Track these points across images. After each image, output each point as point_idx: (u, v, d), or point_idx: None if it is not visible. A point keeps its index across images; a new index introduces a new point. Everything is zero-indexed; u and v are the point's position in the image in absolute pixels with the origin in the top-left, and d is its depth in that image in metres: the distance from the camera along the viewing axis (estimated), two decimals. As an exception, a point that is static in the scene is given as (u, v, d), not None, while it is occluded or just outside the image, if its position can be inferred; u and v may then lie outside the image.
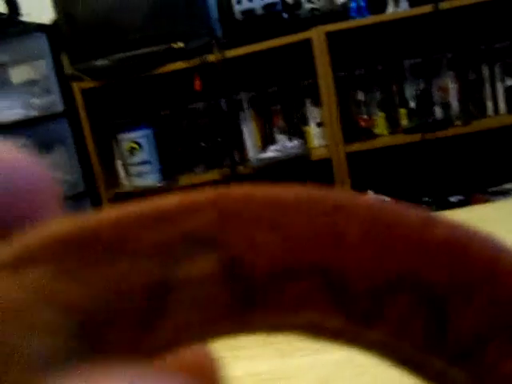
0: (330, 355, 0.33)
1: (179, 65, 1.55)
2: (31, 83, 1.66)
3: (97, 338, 0.07)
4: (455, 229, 0.08)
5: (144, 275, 0.07)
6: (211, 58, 1.53)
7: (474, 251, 0.08)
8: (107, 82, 1.60)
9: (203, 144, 1.74)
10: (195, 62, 1.53)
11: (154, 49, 1.51)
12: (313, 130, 1.73)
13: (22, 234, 0.07)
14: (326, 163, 1.58)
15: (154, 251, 0.07)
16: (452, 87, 1.65)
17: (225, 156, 1.67)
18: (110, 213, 0.07)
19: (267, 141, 1.75)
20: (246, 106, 1.74)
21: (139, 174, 1.70)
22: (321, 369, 0.32)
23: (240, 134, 1.75)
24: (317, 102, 1.69)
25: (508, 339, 0.08)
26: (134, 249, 0.07)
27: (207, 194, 0.08)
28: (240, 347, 0.38)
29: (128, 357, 0.07)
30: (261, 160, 1.63)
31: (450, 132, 1.55)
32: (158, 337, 0.07)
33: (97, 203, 1.67)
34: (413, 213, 0.08)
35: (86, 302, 0.07)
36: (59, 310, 0.07)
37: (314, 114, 1.73)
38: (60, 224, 0.07)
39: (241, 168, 1.63)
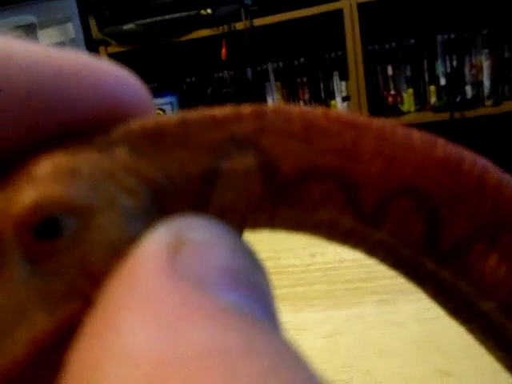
0: (341, 311, 0.34)
1: (206, 32, 1.53)
2: (59, 46, 1.67)
3: (163, 205, 0.09)
4: (452, 149, 0.10)
5: (200, 163, 0.09)
6: (239, 25, 1.51)
7: (465, 169, 0.10)
8: (134, 47, 1.60)
9: (227, 114, 1.74)
10: (223, 29, 1.52)
11: (182, 15, 1.50)
12: (338, 105, 1.71)
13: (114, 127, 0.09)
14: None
15: (208, 147, 0.09)
16: (486, 65, 1.60)
17: (248, 127, 1.66)
18: (177, 115, 0.09)
19: (291, 113, 1.74)
20: (271, 76, 1.72)
21: (162, 141, 1.71)
22: (331, 323, 0.33)
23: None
24: (344, 76, 1.66)
25: (487, 242, 0.10)
26: (193, 143, 0.09)
27: (249, 107, 0.10)
28: (254, 302, 0.38)
29: None
30: (284, 132, 1.62)
31: (480, 112, 1.51)
32: (208, 212, 0.09)
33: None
34: (417, 134, 0.10)
35: (157, 176, 0.09)
36: (138, 179, 0.09)
37: (340, 87, 1.70)
38: (140, 120, 0.09)
39: (264, 139, 1.62)
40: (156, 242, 0.07)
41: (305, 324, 0.34)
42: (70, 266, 0.08)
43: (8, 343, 0.07)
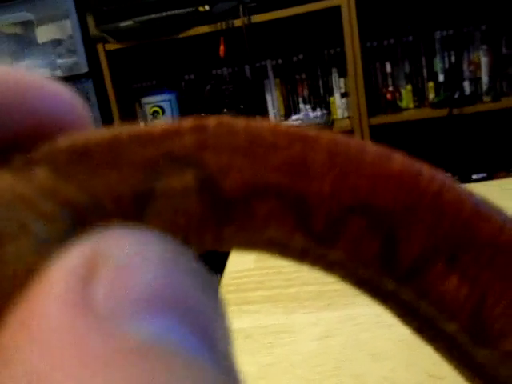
0: (332, 313, 0.34)
1: (204, 29, 1.53)
2: (57, 43, 1.66)
3: (90, 230, 0.08)
4: (408, 164, 0.09)
5: (131, 184, 0.08)
6: (237, 22, 1.51)
7: (422, 185, 0.09)
8: (132, 44, 1.59)
9: (226, 111, 1.74)
10: (221, 26, 1.51)
11: (180, 11, 1.49)
12: (337, 101, 1.71)
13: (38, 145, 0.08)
14: (348, 135, 1.55)
15: (141, 165, 0.08)
16: (484, 61, 1.59)
17: (246, 124, 1.66)
18: (108, 131, 0.09)
19: (291, 110, 1.74)
20: (270, 73, 1.72)
21: (161, 139, 1.71)
22: (323, 325, 0.33)
23: (263, 101, 1.73)
24: (343, 72, 1.66)
25: (447, 262, 0.09)
26: (124, 162, 0.08)
27: (190, 121, 0.09)
28: (247, 302, 0.39)
29: None
30: (282, 129, 1.62)
31: (478, 108, 1.51)
32: None
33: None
34: (372, 148, 0.09)
35: (80, 200, 0.08)
36: (57, 203, 0.08)
37: (339, 84, 1.69)
38: (68, 137, 0.08)
39: (262, 136, 1.62)
40: (65, 266, 0.06)
41: (297, 326, 0.34)
42: None
43: None
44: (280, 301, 0.37)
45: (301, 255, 0.10)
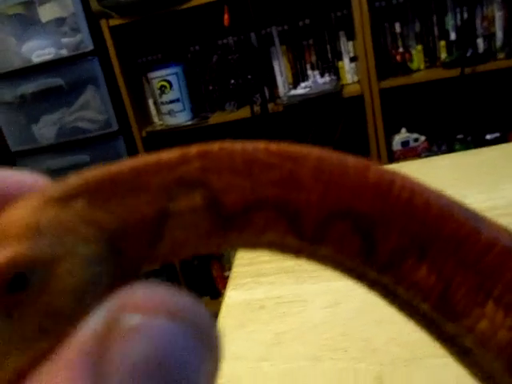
0: (340, 282, 0.34)
1: (207, -2, 1.50)
2: (60, 22, 1.65)
3: (120, 247, 0.10)
4: (383, 174, 0.11)
5: (151, 207, 0.10)
6: (240, -11, 1.48)
7: (395, 192, 0.11)
8: (135, 18, 1.57)
9: (233, 81, 1.72)
10: (224, -6, 1.48)
11: (182, -19, 1.46)
12: (346, 66, 1.68)
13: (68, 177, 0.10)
14: (358, 100, 1.53)
15: (158, 189, 0.10)
16: (498, 16, 1.54)
17: (255, 93, 1.65)
18: (127, 162, 0.10)
19: (299, 77, 1.71)
20: (276, 40, 1.69)
21: (170, 113, 1.70)
22: (332, 293, 0.34)
23: (271, 70, 1.71)
24: (351, 35, 1.62)
25: (417, 255, 0.11)
26: (144, 187, 0.10)
27: (195, 148, 0.10)
28: (261, 274, 0.40)
29: (140, 264, 0.10)
30: (291, 97, 1.60)
31: (492, 66, 1.47)
32: (161, 249, 0.10)
33: (130, 142, 1.70)
34: (353, 161, 0.11)
35: (113, 224, 0.10)
36: (96, 228, 0.09)
37: (347, 48, 1.66)
38: (93, 171, 0.10)
39: (271, 105, 1.61)
40: (87, 331, 0.08)
41: (308, 295, 0.35)
42: (37, 310, 0.09)
43: None
44: (292, 272, 0.38)
45: (296, 252, 0.12)
